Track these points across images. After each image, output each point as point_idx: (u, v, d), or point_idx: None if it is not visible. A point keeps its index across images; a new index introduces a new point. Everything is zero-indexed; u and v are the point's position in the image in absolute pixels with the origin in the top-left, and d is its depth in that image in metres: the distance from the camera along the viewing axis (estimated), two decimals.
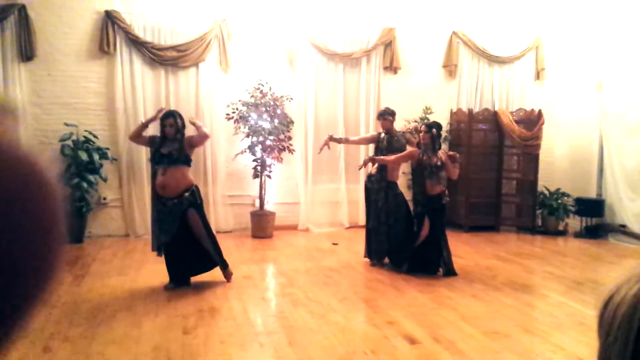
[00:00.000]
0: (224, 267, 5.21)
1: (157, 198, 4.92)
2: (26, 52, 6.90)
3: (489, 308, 4.66)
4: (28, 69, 7.05)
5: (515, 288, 5.28)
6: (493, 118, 8.44)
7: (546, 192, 8.54)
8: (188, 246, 4.94)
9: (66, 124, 6.96)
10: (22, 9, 6.82)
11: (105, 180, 7.12)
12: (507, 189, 8.64)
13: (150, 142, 5.06)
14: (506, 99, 9.04)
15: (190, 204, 4.90)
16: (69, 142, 6.89)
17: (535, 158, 8.29)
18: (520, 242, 7.75)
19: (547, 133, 8.45)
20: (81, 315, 4.27)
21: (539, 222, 8.48)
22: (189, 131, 5.12)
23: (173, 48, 7.41)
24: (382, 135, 6.04)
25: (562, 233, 8.31)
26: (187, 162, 4.94)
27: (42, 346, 3.63)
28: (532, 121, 8.24)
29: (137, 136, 5.14)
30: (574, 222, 8.41)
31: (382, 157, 5.74)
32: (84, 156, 6.79)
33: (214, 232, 5.43)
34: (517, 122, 8.30)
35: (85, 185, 6.85)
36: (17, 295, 0.42)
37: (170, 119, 4.89)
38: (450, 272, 5.62)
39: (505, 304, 4.77)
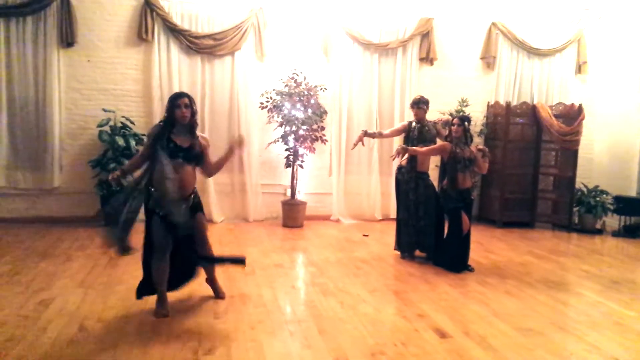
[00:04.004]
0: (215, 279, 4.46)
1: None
2: (67, 38, 7.04)
3: (522, 305, 4.58)
4: (68, 55, 7.19)
5: (549, 286, 5.18)
6: (531, 112, 8.26)
7: (584, 189, 8.34)
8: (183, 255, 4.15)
9: (104, 110, 7.09)
10: None
11: None
12: (543, 185, 8.45)
13: (155, 140, 3.91)
14: (545, 93, 8.83)
15: (198, 208, 4.16)
16: (107, 128, 7.01)
17: (574, 154, 8.09)
18: (556, 239, 7.57)
19: (587, 128, 8.25)
20: (116, 296, 4.35)
21: (576, 219, 8.29)
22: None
23: (209, 36, 7.46)
24: (414, 124, 5.96)
25: (600, 231, 8.11)
26: (202, 160, 4.10)
27: (78, 325, 3.72)
28: (572, 116, 8.03)
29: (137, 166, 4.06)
30: (612, 221, 8.19)
31: (414, 147, 5.66)
32: (120, 142, 6.90)
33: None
34: (556, 116, 8.10)
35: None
36: None
37: (185, 98, 3.96)
38: (457, 267, 5.52)
39: (539, 301, 4.68)
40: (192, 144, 3.98)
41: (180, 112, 3.92)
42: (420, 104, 5.88)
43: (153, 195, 3.88)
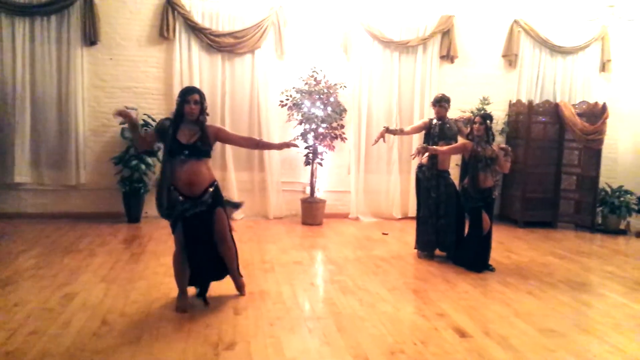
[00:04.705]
0: (240, 275, 4.47)
1: (179, 197, 3.94)
2: (90, 37, 7.14)
3: (544, 305, 4.53)
4: (91, 53, 7.29)
5: (572, 286, 5.11)
6: (554, 110, 8.15)
7: (608, 189, 8.21)
8: (206, 251, 4.13)
9: (126, 107, 7.16)
10: None
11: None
12: (566, 185, 8.34)
13: (160, 133, 3.98)
14: (569, 91, 8.71)
15: (217, 202, 4.09)
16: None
17: (598, 153, 7.97)
18: (579, 239, 7.47)
19: (611, 128, 8.13)
20: (137, 291, 4.41)
21: (599, 220, 8.16)
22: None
23: (230, 34, 7.50)
24: (434, 122, 5.92)
25: (624, 232, 7.98)
26: (209, 153, 4.06)
27: (100, 319, 3.78)
28: (596, 115, 7.91)
29: (143, 142, 4.14)
30: (637, 221, 8.07)
31: (434, 147, 5.62)
32: None
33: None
34: (579, 115, 7.99)
35: (143, 167, 7.06)
36: None
37: (196, 95, 3.92)
38: (477, 266, 5.48)
39: (561, 302, 4.62)
40: (198, 139, 3.92)
41: (189, 107, 3.89)
42: (442, 102, 5.85)
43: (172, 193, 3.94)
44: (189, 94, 3.92)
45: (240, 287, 4.44)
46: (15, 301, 4.06)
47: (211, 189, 4.03)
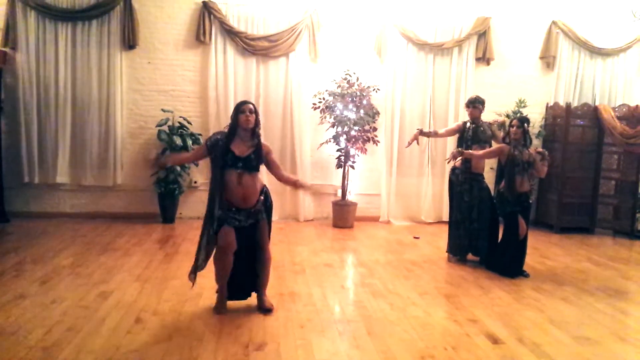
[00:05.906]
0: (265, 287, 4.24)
1: (229, 210, 3.96)
2: (129, 41, 7.32)
3: (579, 312, 4.42)
4: (130, 57, 7.47)
5: (609, 294, 4.97)
6: (593, 114, 7.95)
7: None
8: (242, 265, 4.12)
9: (163, 110, 7.33)
10: (128, 0, 7.23)
11: (196, 165, 7.42)
12: (604, 190, 8.11)
13: (211, 147, 3.95)
14: (608, 94, 8.50)
15: (265, 211, 4.12)
16: (165, 128, 7.24)
17: (638, 158, 7.73)
18: (617, 246, 7.26)
19: None
20: (170, 291, 4.49)
21: (639, 226, 7.91)
22: None
23: (265, 38, 7.57)
24: (468, 124, 5.85)
25: None
26: (259, 168, 4.06)
27: (134, 317, 3.87)
28: (636, 118, 7.68)
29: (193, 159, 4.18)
30: None
31: (470, 151, 5.55)
32: (178, 141, 7.11)
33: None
34: (619, 118, 7.77)
35: (178, 169, 7.19)
36: None
37: (250, 104, 3.96)
38: (511, 272, 5.38)
39: (597, 310, 4.50)
40: (252, 153, 3.92)
41: (244, 117, 3.89)
42: (476, 103, 5.78)
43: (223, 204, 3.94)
44: (243, 104, 3.95)
45: (265, 305, 4.15)
46: (53, 298, 4.20)
47: (262, 197, 4.04)
